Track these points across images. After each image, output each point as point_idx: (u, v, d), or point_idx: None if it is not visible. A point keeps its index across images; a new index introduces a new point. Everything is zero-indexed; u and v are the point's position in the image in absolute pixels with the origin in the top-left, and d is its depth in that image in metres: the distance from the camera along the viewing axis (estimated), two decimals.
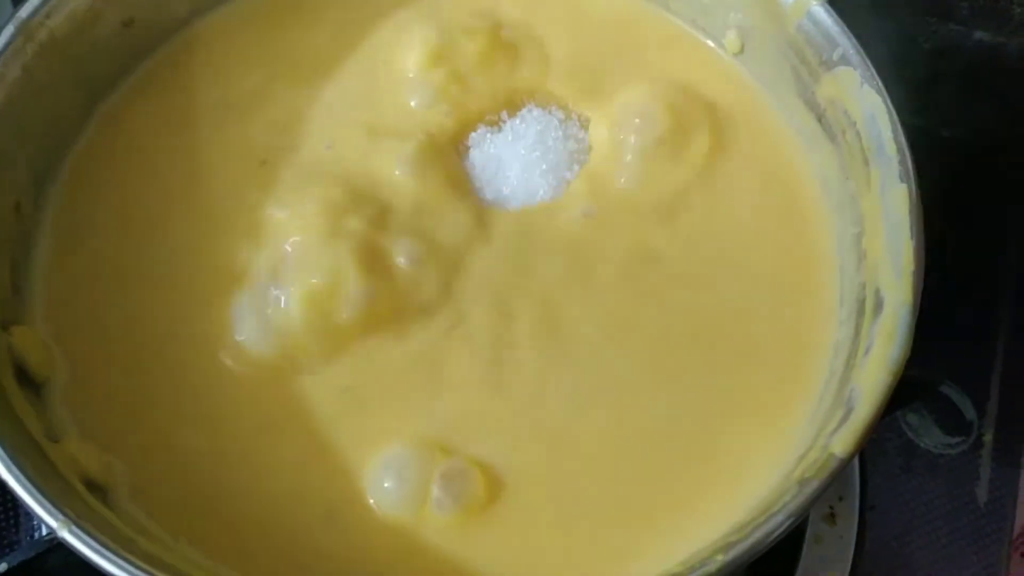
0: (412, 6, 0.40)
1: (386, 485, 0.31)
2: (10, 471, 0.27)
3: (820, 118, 0.37)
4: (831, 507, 0.46)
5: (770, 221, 0.37)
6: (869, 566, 0.46)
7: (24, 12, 0.35)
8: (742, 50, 0.40)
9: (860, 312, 0.32)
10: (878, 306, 0.32)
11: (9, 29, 0.34)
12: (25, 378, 0.32)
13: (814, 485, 0.28)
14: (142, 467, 0.32)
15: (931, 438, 0.50)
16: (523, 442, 0.32)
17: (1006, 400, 0.50)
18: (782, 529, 0.27)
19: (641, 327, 0.34)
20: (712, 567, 0.26)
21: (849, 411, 0.29)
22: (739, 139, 0.38)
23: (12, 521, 0.46)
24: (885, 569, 0.47)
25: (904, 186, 0.32)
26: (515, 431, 0.32)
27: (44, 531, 0.44)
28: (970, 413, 0.50)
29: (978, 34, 0.53)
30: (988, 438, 0.50)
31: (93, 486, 0.30)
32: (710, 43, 0.41)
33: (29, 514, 0.46)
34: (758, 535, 0.27)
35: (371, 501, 0.31)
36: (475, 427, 0.32)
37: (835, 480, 0.28)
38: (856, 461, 0.45)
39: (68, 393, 0.33)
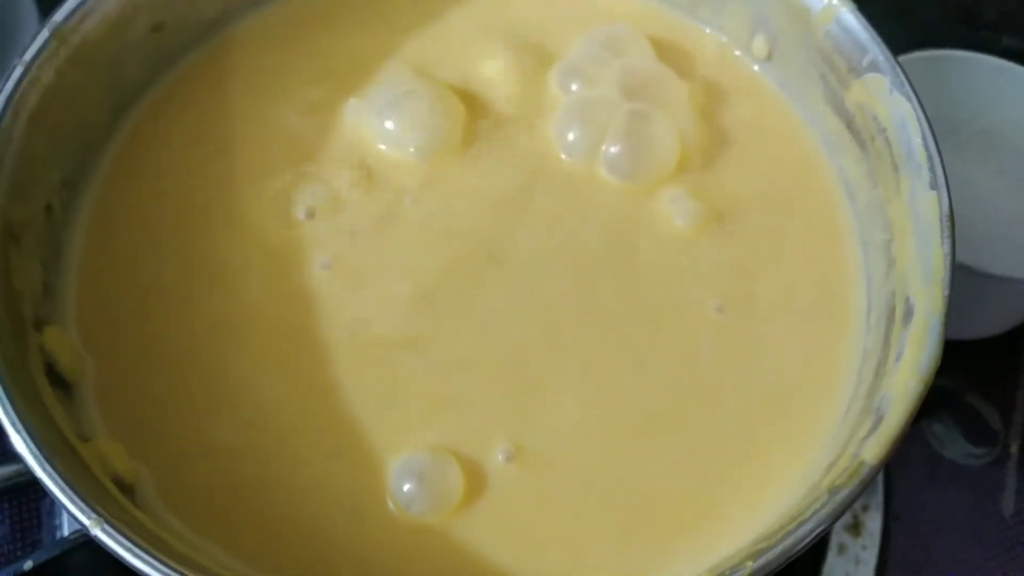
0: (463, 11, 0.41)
1: (406, 487, 0.31)
2: (44, 470, 0.27)
3: (849, 124, 0.37)
4: (855, 517, 0.46)
5: (794, 226, 0.37)
6: (895, 574, 0.46)
7: (59, 16, 0.35)
8: (770, 56, 0.40)
9: (890, 319, 0.32)
10: (908, 313, 0.31)
11: (44, 34, 0.35)
12: (57, 378, 0.32)
13: (844, 493, 0.28)
14: (171, 466, 0.32)
15: (956, 448, 0.49)
16: (547, 444, 0.32)
17: None
18: (812, 536, 0.27)
19: (669, 331, 0.34)
20: (742, 574, 0.26)
21: (880, 418, 0.29)
22: (765, 146, 0.38)
23: (35, 520, 0.47)
24: None
25: (934, 193, 0.32)
26: (538, 432, 0.32)
27: (67, 530, 0.45)
28: (996, 423, 0.50)
29: (1005, 40, 0.53)
30: (1014, 449, 0.49)
31: (122, 485, 0.31)
32: (736, 51, 0.41)
33: (52, 513, 0.46)
34: (788, 542, 0.27)
35: (390, 504, 0.31)
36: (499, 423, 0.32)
37: (866, 488, 0.28)
38: (881, 471, 0.45)
39: (98, 393, 0.33)
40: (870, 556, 0.47)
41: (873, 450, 0.28)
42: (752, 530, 0.29)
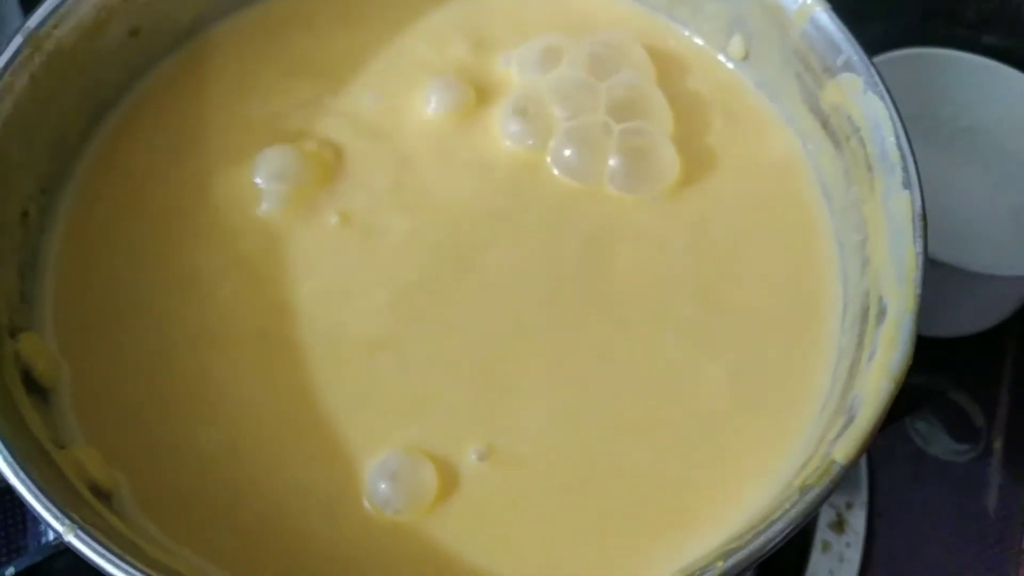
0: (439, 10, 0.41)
1: (381, 487, 0.31)
2: (18, 476, 0.27)
3: (824, 124, 0.37)
4: (839, 514, 0.46)
5: (771, 226, 0.37)
6: (877, 573, 0.46)
7: (32, 22, 0.35)
8: (746, 56, 0.40)
9: (864, 319, 0.32)
10: (881, 313, 0.31)
11: (17, 39, 0.35)
12: (33, 384, 0.32)
13: (815, 492, 0.28)
14: (147, 472, 0.32)
15: (940, 445, 0.49)
16: (520, 444, 0.32)
17: (1016, 407, 0.50)
18: (782, 536, 0.27)
19: (638, 328, 0.34)
20: (712, 573, 0.26)
21: (851, 418, 0.29)
22: (742, 145, 0.39)
23: (20, 526, 0.47)
24: (895, 574, 0.47)
25: (907, 192, 0.32)
26: (511, 432, 0.32)
27: (51, 536, 0.45)
28: (979, 420, 0.50)
29: (987, 38, 0.53)
30: (998, 445, 0.49)
31: (100, 492, 0.31)
32: (713, 51, 0.41)
33: (36, 519, 0.46)
34: (758, 542, 0.27)
35: (366, 504, 0.31)
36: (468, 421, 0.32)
37: (836, 487, 0.28)
38: (864, 468, 0.45)
39: (74, 399, 0.33)
40: (854, 553, 0.47)
41: (844, 450, 0.28)
42: (726, 531, 0.29)
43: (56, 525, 0.27)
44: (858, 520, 0.47)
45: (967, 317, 0.49)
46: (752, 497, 0.30)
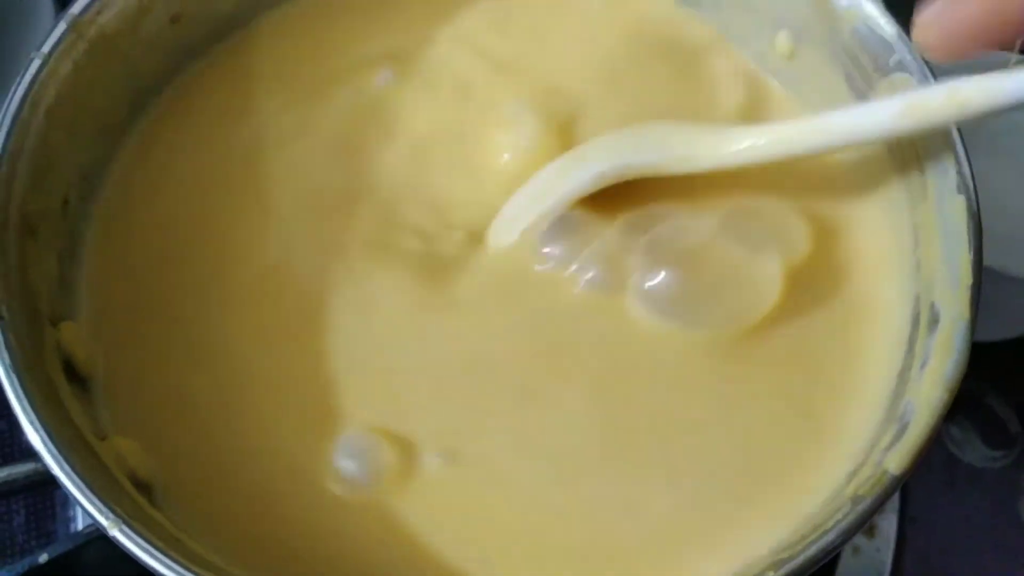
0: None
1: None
2: (62, 469, 0.27)
3: None
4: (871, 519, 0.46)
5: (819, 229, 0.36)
6: None
7: (76, 8, 0.35)
8: (792, 55, 0.39)
9: (915, 324, 0.32)
10: (933, 320, 0.31)
11: (61, 26, 0.34)
12: (73, 373, 0.32)
13: (867, 503, 0.27)
14: (180, 466, 0.32)
15: (974, 451, 0.49)
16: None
17: None
18: (836, 547, 0.27)
19: (687, 338, 0.33)
20: None
21: (904, 427, 0.29)
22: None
23: (50, 512, 0.47)
24: None
25: (962, 197, 0.32)
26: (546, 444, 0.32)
27: (81, 524, 0.45)
28: (1014, 426, 0.50)
29: None
30: None
31: (139, 484, 0.30)
32: (759, 48, 0.40)
33: (66, 505, 0.46)
34: (811, 552, 0.26)
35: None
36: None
37: (888, 498, 0.27)
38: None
39: (112, 390, 0.33)
40: (885, 558, 0.46)
41: (897, 460, 0.28)
42: (776, 540, 0.29)
43: (101, 519, 0.27)
44: (890, 525, 0.47)
45: (1003, 322, 0.49)
46: (799, 507, 0.30)
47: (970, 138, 0.32)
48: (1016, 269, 0.43)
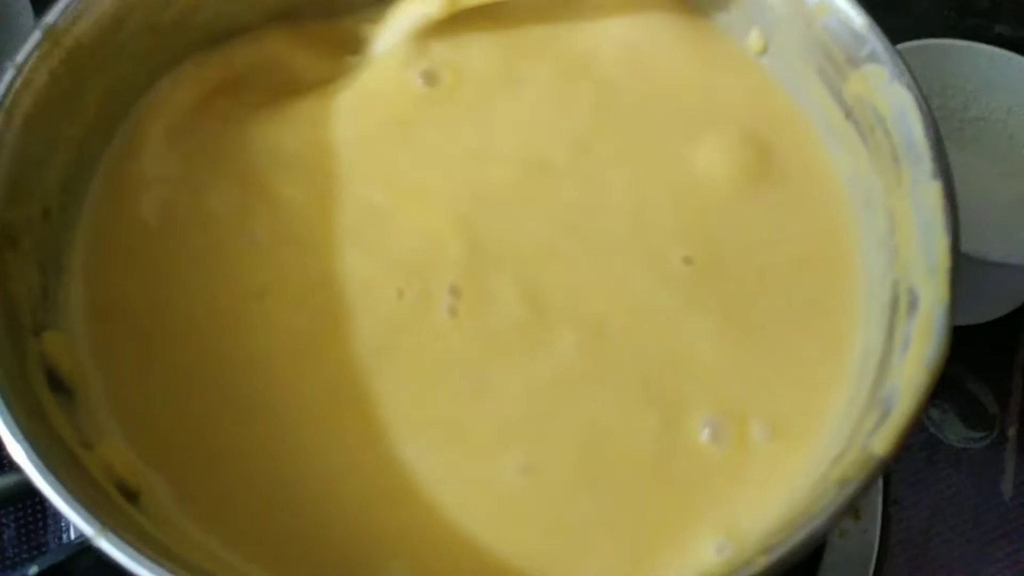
0: None
1: None
2: (46, 479, 0.27)
3: (848, 115, 0.37)
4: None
5: (795, 218, 0.37)
6: (895, 560, 0.46)
7: (50, 17, 0.34)
8: (765, 50, 0.40)
9: (893, 310, 0.32)
10: (912, 304, 0.31)
11: (36, 35, 0.34)
12: (58, 384, 0.32)
13: (854, 485, 0.28)
14: (170, 471, 0.32)
15: (954, 432, 0.50)
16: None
17: None
18: (824, 529, 0.27)
19: (664, 318, 0.34)
20: (755, 568, 0.26)
21: (887, 411, 0.29)
22: (765, 140, 0.38)
23: (40, 523, 0.47)
24: (911, 563, 0.47)
25: (937, 183, 0.32)
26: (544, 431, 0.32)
27: (73, 534, 0.45)
28: (993, 407, 0.50)
29: (999, 27, 0.53)
30: (1012, 432, 0.50)
31: (127, 492, 0.30)
32: (732, 41, 0.40)
33: (57, 517, 0.46)
34: (800, 536, 0.27)
35: None
36: None
37: (875, 480, 0.28)
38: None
39: (102, 397, 0.33)
40: (872, 540, 0.47)
41: (882, 443, 0.28)
42: (762, 527, 0.29)
43: (86, 528, 0.26)
44: (875, 507, 0.48)
45: (979, 306, 0.49)
46: (783, 493, 0.30)
47: (943, 127, 0.33)
48: (992, 255, 0.44)
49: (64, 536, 0.45)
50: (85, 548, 0.34)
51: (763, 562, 0.26)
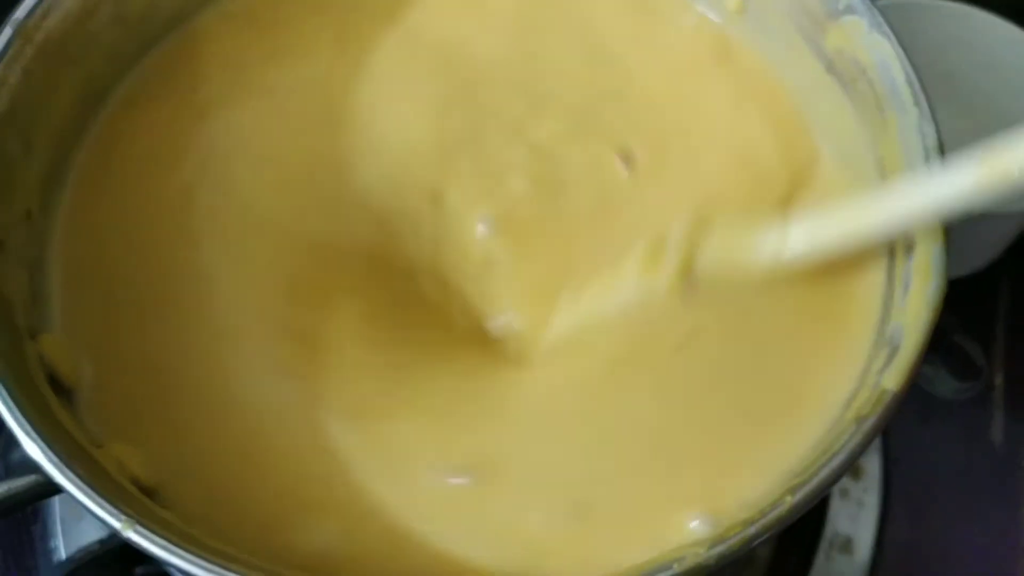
0: None
1: None
2: (65, 476, 0.26)
3: (829, 68, 0.37)
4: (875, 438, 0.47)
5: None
6: (897, 513, 0.47)
7: (20, 13, 0.34)
8: (742, 9, 0.40)
9: (891, 254, 0.33)
10: (908, 247, 0.32)
11: (7, 32, 0.33)
12: (58, 386, 0.31)
13: (871, 422, 0.28)
14: (181, 466, 0.31)
15: (944, 385, 0.51)
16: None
17: (1012, 342, 0.51)
18: (845, 467, 0.27)
19: None
20: (781, 509, 0.26)
21: (895, 349, 0.30)
22: (747, 96, 0.39)
23: (28, 546, 0.46)
24: (911, 516, 0.48)
25: (927, 127, 0.33)
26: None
27: (63, 554, 0.44)
28: (979, 358, 0.51)
29: None
30: (998, 381, 0.51)
31: (143, 489, 0.30)
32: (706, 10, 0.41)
33: (44, 537, 0.45)
34: (824, 474, 0.27)
35: None
36: None
37: (891, 417, 0.28)
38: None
39: (99, 398, 0.32)
40: (872, 498, 0.48)
41: (894, 378, 0.29)
42: (780, 470, 0.29)
43: (113, 522, 0.26)
44: (874, 466, 0.48)
45: (959, 258, 0.50)
46: (801, 436, 0.31)
47: None
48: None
49: (55, 556, 0.44)
50: (75, 568, 0.33)
51: (790, 501, 0.26)
